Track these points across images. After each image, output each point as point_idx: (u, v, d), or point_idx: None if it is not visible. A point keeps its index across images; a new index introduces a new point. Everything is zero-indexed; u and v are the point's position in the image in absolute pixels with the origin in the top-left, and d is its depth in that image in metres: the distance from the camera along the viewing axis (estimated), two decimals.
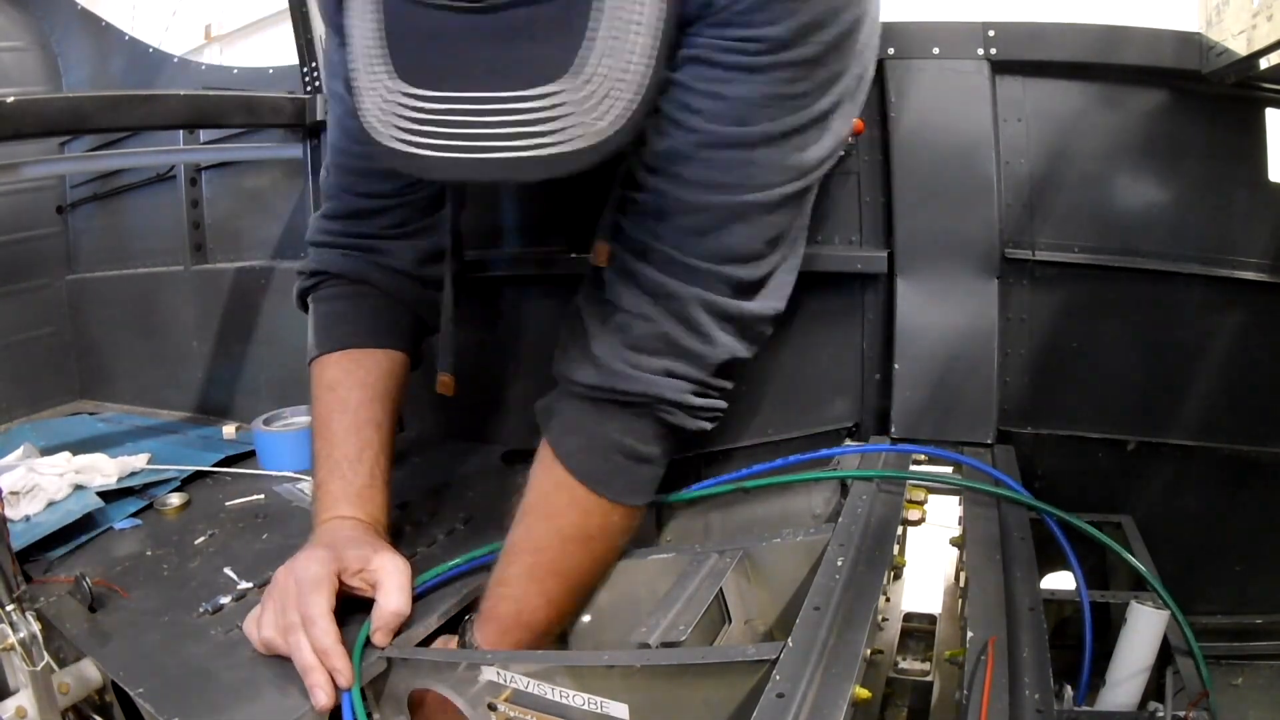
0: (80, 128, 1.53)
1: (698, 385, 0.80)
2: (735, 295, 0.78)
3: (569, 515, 0.83)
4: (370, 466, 0.95)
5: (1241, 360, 1.10)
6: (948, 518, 0.96)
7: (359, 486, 0.94)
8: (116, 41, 2.00)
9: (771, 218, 0.75)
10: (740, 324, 0.79)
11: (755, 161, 0.72)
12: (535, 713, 0.72)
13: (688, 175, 0.73)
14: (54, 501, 1.19)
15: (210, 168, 1.86)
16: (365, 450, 0.96)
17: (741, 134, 0.70)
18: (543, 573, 0.84)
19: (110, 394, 2.12)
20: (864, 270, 1.19)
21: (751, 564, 0.86)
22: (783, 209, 0.76)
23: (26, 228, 2.11)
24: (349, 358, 1.00)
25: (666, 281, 0.77)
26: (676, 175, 0.73)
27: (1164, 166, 1.10)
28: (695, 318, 0.77)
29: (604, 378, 0.80)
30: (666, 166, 0.74)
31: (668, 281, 0.77)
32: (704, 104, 0.70)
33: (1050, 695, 0.60)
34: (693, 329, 0.78)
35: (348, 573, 0.82)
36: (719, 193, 0.73)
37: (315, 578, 0.79)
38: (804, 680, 0.60)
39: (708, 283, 0.76)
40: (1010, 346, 1.15)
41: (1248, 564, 1.13)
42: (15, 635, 0.80)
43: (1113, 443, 1.15)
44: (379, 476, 0.96)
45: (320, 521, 0.91)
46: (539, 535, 0.85)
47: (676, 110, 0.71)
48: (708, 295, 0.77)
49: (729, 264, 0.76)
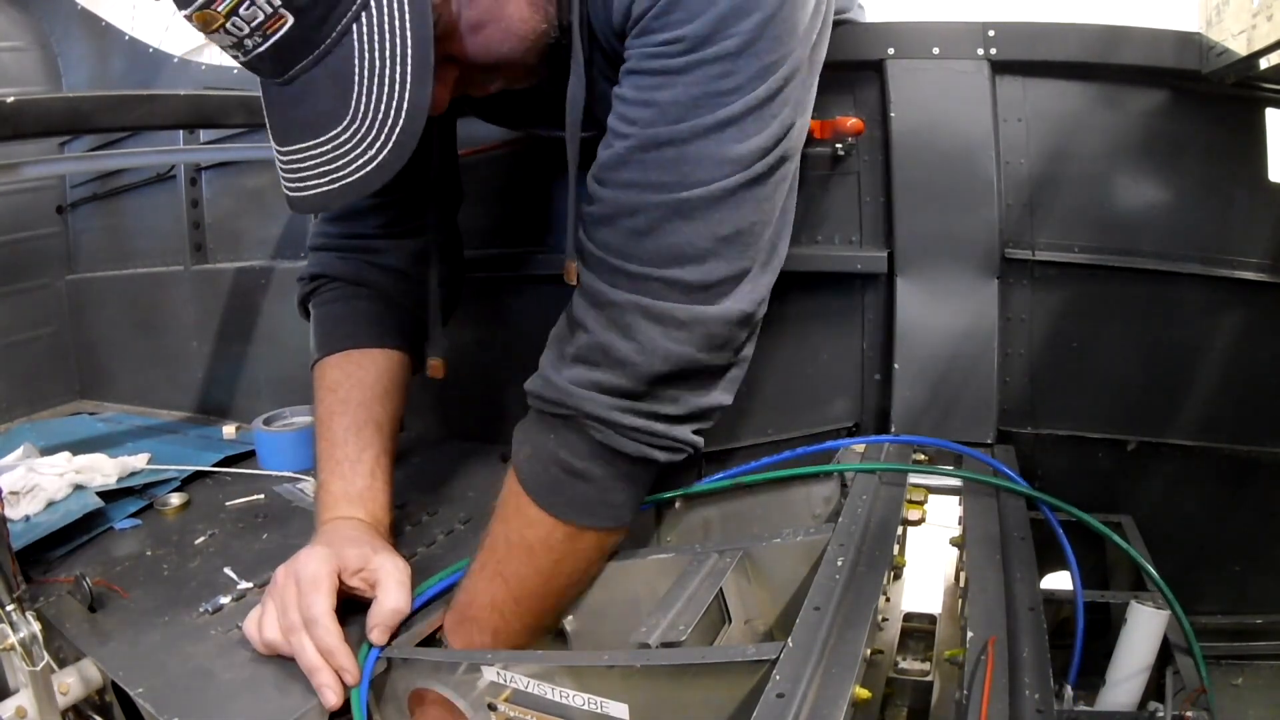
0: (80, 128, 1.53)
1: (628, 401, 0.77)
2: (686, 299, 0.74)
3: (514, 521, 0.83)
4: (371, 466, 0.95)
5: (1241, 360, 1.10)
6: (948, 518, 0.96)
7: (360, 487, 0.94)
8: (116, 41, 2.00)
9: (719, 213, 0.73)
10: (694, 330, 0.75)
11: (689, 158, 0.71)
12: (535, 713, 0.72)
13: (625, 179, 0.73)
14: (54, 501, 1.19)
15: (210, 168, 1.86)
16: (366, 450, 0.96)
17: (672, 132, 0.71)
18: (489, 572, 0.83)
19: (110, 394, 2.12)
20: (864, 270, 1.19)
21: (751, 564, 0.86)
22: (731, 203, 0.73)
23: (26, 228, 2.11)
24: (349, 359, 1.00)
25: (607, 290, 0.76)
26: (616, 181, 0.74)
27: (1164, 166, 1.10)
28: (632, 325, 0.75)
29: (537, 387, 0.81)
30: (608, 175, 0.75)
31: (608, 290, 0.75)
32: (639, 112, 0.72)
33: (1050, 695, 0.60)
34: (629, 337, 0.75)
35: (347, 571, 0.83)
36: (656, 192, 0.72)
37: (314, 577, 0.79)
38: (804, 680, 0.60)
39: (652, 289, 0.74)
40: (1010, 346, 1.15)
41: (1248, 564, 1.13)
42: (15, 635, 0.80)
43: (1113, 443, 1.15)
44: (380, 476, 0.96)
45: (322, 522, 0.92)
46: (493, 535, 0.85)
47: (616, 121, 0.74)
48: (649, 301, 0.74)
49: (675, 266, 0.74)
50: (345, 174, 0.69)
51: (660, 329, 0.74)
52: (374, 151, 0.68)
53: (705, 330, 0.75)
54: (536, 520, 0.81)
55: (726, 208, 0.73)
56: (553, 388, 0.79)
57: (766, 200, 0.76)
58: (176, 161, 1.83)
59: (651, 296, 0.74)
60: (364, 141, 0.68)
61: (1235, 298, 1.08)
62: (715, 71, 0.69)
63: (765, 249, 0.78)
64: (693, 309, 0.74)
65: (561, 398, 0.78)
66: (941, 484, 1.01)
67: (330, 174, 0.69)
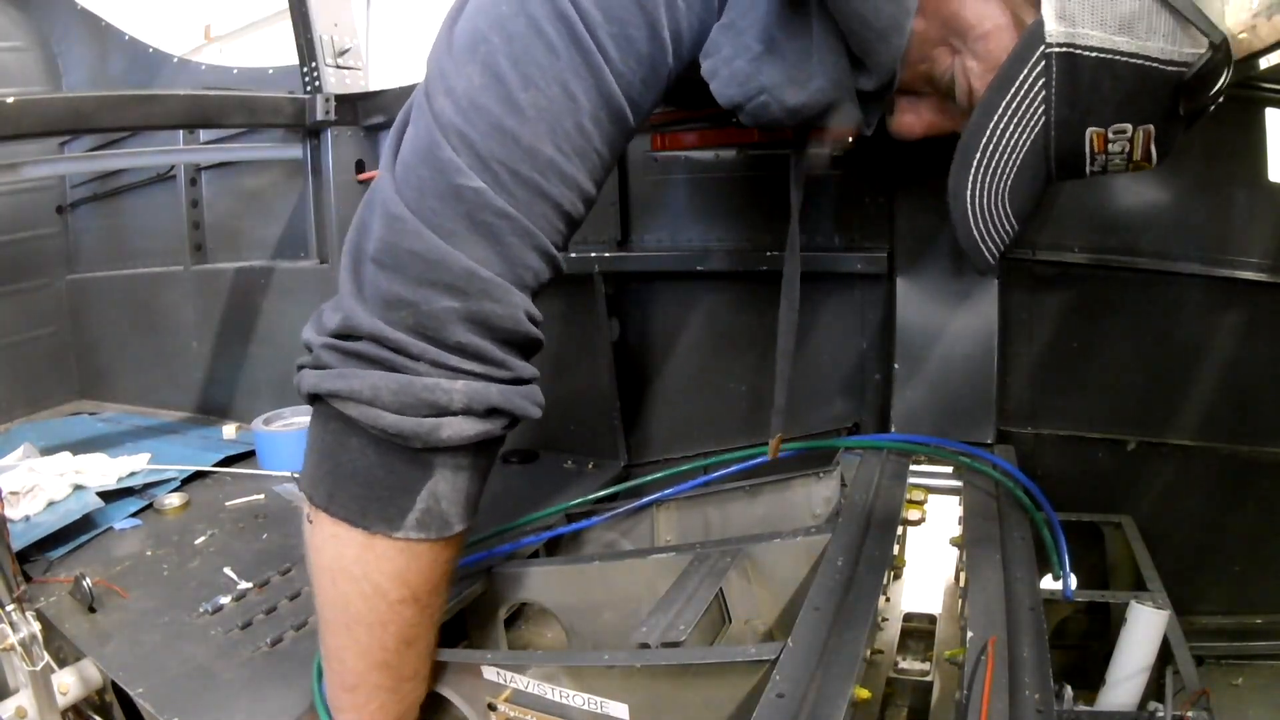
0: (80, 128, 1.54)
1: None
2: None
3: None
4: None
5: (1241, 360, 1.09)
6: (948, 518, 0.96)
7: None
8: (116, 41, 2.00)
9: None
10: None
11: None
12: (535, 713, 0.72)
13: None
14: (54, 501, 1.19)
15: (210, 168, 1.86)
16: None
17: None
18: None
19: (110, 394, 2.12)
20: (864, 270, 1.19)
21: (751, 564, 0.86)
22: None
23: (26, 228, 2.11)
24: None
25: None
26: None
27: (1164, 166, 1.08)
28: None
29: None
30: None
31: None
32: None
33: (1050, 695, 0.60)
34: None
35: None
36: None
37: None
38: (804, 680, 0.60)
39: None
40: (1010, 346, 1.15)
41: (1248, 564, 1.13)
42: (15, 635, 0.80)
43: (1113, 443, 1.15)
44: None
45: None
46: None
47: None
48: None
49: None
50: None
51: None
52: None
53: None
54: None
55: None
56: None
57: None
58: (176, 161, 1.84)
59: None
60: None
61: (1235, 298, 1.08)
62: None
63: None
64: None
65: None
66: (941, 484, 1.01)
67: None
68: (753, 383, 1.32)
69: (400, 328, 0.62)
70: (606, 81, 0.64)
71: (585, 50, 0.63)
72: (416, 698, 0.75)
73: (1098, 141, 0.63)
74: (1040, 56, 0.61)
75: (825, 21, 0.67)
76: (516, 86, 0.62)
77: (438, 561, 0.69)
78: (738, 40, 0.68)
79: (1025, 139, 0.65)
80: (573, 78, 0.63)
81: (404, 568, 0.67)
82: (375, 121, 1.57)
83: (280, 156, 1.69)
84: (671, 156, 1.28)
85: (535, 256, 0.65)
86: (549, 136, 0.63)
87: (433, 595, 0.70)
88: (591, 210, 0.71)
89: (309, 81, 1.57)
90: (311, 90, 1.56)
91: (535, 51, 0.62)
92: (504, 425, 0.67)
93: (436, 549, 0.68)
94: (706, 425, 1.38)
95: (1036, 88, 0.62)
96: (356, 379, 0.62)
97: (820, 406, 1.27)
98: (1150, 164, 0.65)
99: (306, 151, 1.61)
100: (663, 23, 0.65)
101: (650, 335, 1.40)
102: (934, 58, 0.69)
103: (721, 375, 1.35)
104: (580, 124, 0.64)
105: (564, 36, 0.62)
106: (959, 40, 0.67)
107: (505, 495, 1.23)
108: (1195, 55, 0.58)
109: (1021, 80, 0.63)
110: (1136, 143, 0.63)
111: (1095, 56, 0.60)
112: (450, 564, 0.71)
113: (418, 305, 0.62)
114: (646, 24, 0.65)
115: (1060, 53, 0.60)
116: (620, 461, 1.41)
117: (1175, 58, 0.59)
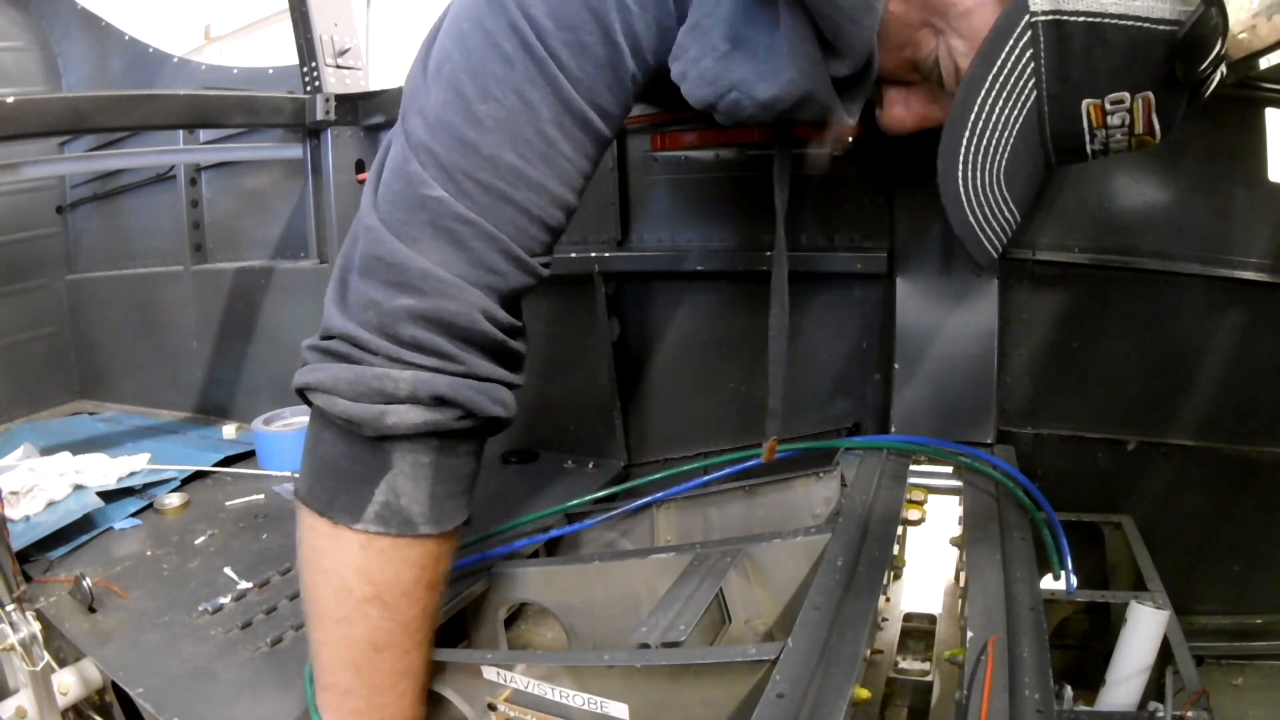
0: (80, 128, 1.53)
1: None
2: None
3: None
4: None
5: (1241, 360, 1.09)
6: (948, 518, 0.96)
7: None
8: (116, 41, 2.00)
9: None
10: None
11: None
12: (535, 713, 0.72)
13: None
14: (54, 501, 1.19)
15: (210, 168, 1.86)
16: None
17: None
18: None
19: (110, 394, 2.12)
20: (864, 270, 1.19)
21: (751, 564, 0.86)
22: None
23: (26, 228, 2.11)
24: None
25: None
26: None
27: (1164, 166, 1.10)
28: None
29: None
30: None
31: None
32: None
33: (1050, 695, 0.60)
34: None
35: None
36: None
37: None
38: (804, 680, 0.60)
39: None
40: (1010, 346, 1.15)
41: (1248, 564, 1.13)
42: (15, 635, 0.80)
43: (1113, 443, 1.15)
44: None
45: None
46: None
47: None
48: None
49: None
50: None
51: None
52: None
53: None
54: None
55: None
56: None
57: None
58: (176, 161, 1.83)
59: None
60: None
61: (1235, 298, 1.08)
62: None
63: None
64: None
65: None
66: (941, 484, 1.01)
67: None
68: (754, 382, 1.32)
69: (368, 327, 0.66)
70: (563, 87, 0.66)
71: (538, 59, 0.65)
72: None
73: (1095, 114, 0.61)
74: (1026, 26, 0.59)
75: (794, 11, 0.65)
76: (475, 99, 0.65)
77: (406, 562, 0.69)
78: (704, 40, 0.68)
79: (1017, 115, 0.62)
80: (529, 86, 0.65)
81: (368, 563, 0.68)
82: (375, 121, 1.57)
83: (280, 156, 1.69)
84: (671, 156, 1.29)
85: (502, 260, 0.67)
86: (509, 145, 0.66)
87: (402, 599, 0.70)
88: (578, 214, 0.73)
89: (309, 81, 1.57)
90: (311, 90, 1.56)
91: (492, 64, 0.65)
92: (456, 418, 0.68)
93: (401, 548, 0.68)
94: (707, 425, 1.38)
95: (1024, 59, 0.60)
96: (322, 371, 0.67)
97: (820, 406, 1.27)
98: (1154, 139, 0.62)
99: (306, 151, 1.61)
100: (615, 27, 0.66)
101: (650, 335, 1.40)
102: (917, 41, 0.67)
103: (722, 375, 1.35)
104: (541, 130, 0.66)
105: (518, 47, 0.65)
106: (940, 20, 0.65)
107: (505, 495, 1.23)
108: (1186, 13, 0.56)
109: (1008, 53, 0.60)
110: (1137, 113, 0.61)
111: (1082, 21, 0.58)
112: (424, 570, 0.71)
113: (380, 304, 0.66)
114: (599, 29, 0.66)
115: (1046, 21, 0.59)
116: (620, 461, 1.41)
117: (1166, 15, 0.57)
